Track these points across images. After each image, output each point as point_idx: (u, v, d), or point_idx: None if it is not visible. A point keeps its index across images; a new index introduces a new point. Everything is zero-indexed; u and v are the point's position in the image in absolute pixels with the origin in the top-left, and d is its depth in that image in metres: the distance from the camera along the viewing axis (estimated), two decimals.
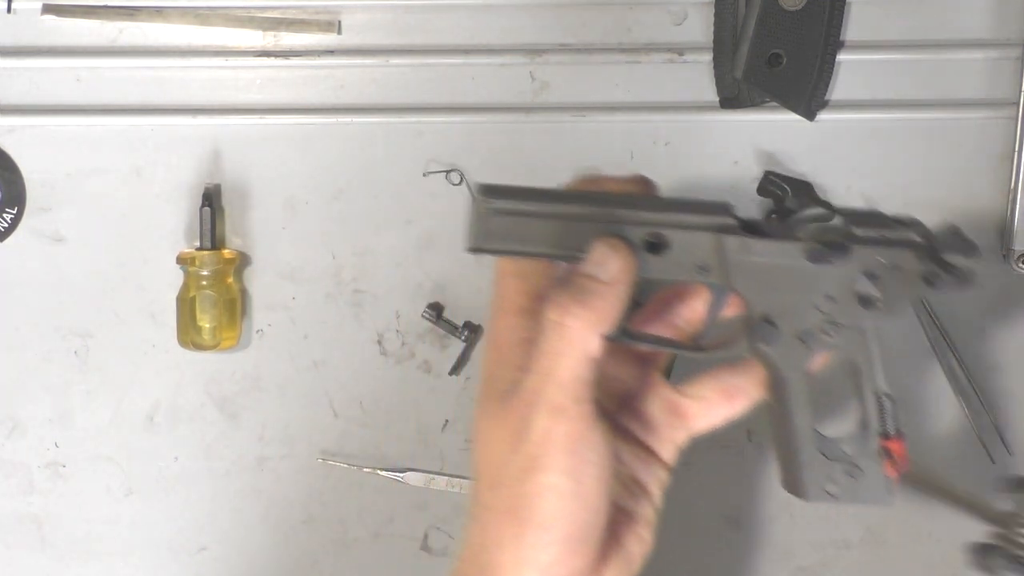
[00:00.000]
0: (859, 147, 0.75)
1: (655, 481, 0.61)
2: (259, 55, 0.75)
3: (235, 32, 0.75)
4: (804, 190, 0.74)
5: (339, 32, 0.75)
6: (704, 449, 0.65)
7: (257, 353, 0.77)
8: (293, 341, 0.77)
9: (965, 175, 0.75)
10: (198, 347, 0.75)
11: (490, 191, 0.57)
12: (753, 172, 0.75)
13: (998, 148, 0.74)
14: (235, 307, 0.75)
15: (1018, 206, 0.73)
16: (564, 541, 0.54)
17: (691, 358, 0.60)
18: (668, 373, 0.67)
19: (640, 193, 0.61)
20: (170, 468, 0.77)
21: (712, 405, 0.61)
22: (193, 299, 0.74)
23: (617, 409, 0.61)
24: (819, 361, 0.59)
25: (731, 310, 0.60)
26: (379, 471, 0.76)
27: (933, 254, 0.59)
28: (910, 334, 0.74)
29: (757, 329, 0.58)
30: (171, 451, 0.77)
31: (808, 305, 0.59)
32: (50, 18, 0.75)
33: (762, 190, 0.75)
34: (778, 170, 0.75)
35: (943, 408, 0.75)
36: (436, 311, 0.76)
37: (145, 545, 0.77)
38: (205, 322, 0.74)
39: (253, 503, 0.77)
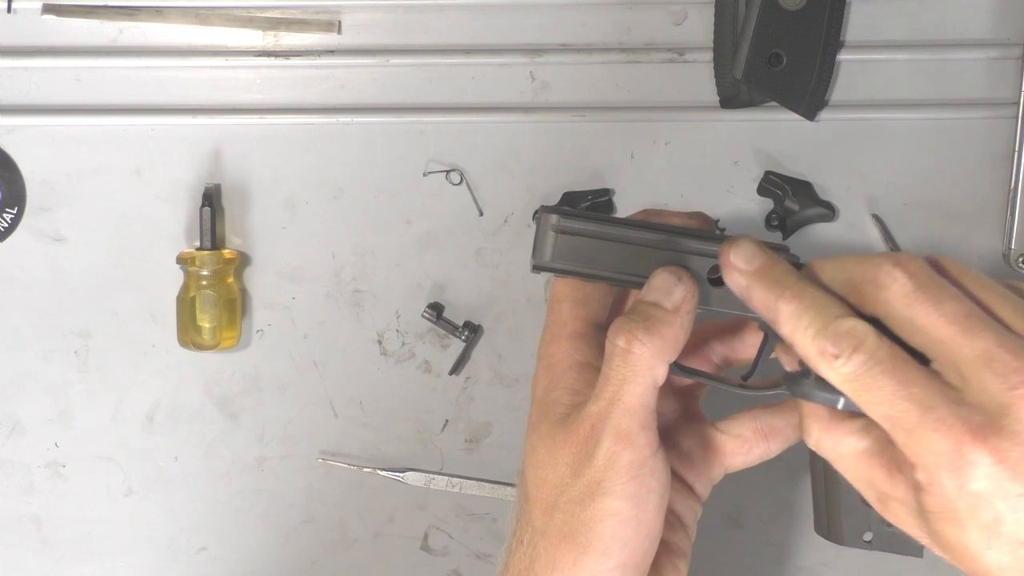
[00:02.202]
0: (859, 147, 0.75)
1: (690, 514, 0.61)
2: (259, 55, 0.76)
3: (235, 32, 0.75)
4: (804, 190, 0.74)
5: (339, 32, 0.75)
6: None
7: (257, 353, 0.77)
8: (293, 341, 0.77)
9: (965, 175, 0.75)
10: (198, 347, 0.75)
11: (556, 211, 0.58)
12: (753, 172, 0.75)
13: (998, 148, 0.74)
14: (235, 307, 0.75)
15: (1018, 206, 0.73)
16: (620, 568, 0.54)
17: (731, 394, 0.60)
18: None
19: (702, 228, 0.61)
20: (170, 468, 0.77)
21: (749, 444, 0.61)
22: (193, 299, 0.74)
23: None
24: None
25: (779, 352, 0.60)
26: (379, 471, 0.76)
27: None
28: None
29: (805, 369, 0.58)
30: (171, 451, 0.77)
31: None
32: (50, 18, 0.75)
33: (762, 190, 0.75)
34: (778, 170, 0.75)
35: None
36: (436, 311, 0.76)
37: (145, 545, 0.77)
38: (205, 322, 0.74)
39: (253, 503, 0.77)
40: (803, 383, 0.53)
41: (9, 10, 0.75)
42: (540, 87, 0.75)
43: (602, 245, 0.57)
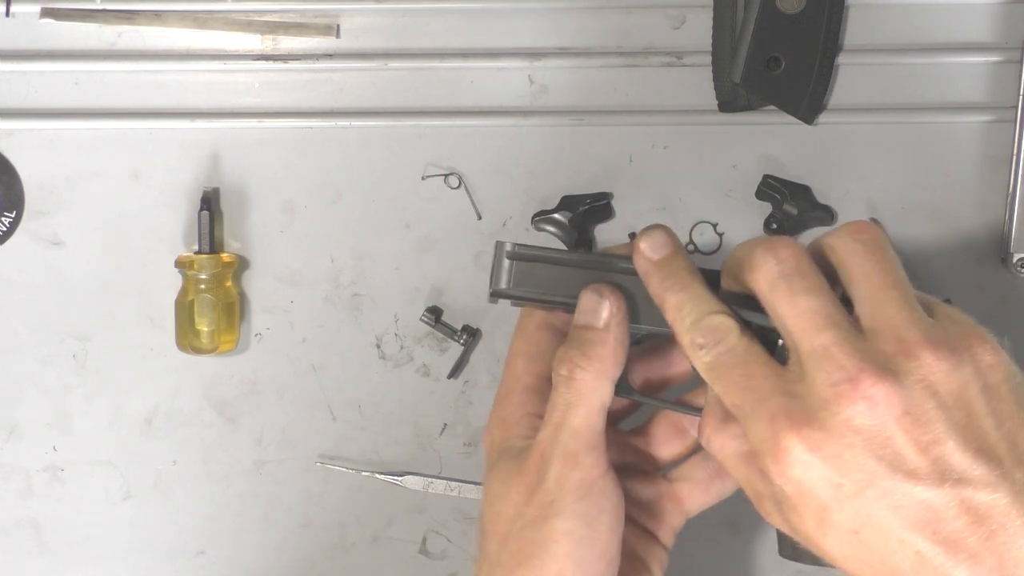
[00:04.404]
0: (858, 151, 0.75)
1: (656, 562, 0.62)
2: (257, 59, 0.75)
3: (233, 36, 0.75)
4: (803, 194, 0.74)
5: (338, 36, 0.75)
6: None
7: (256, 357, 0.77)
8: (292, 345, 0.77)
9: (964, 179, 0.75)
10: (196, 351, 0.75)
11: (510, 243, 0.60)
12: (752, 176, 0.75)
13: (997, 152, 0.74)
14: (233, 311, 0.75)
15: (1016, 210, 0.73)
16: None
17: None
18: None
19: None
20: (168, 472, 0.77)
21: (704, 485, 0.62)
22: (191, 303, 0.74)
23: None
24: None
25: None
26: (378, 475, 0.76)
27: None
28: None
29: None
30: (169, 455, 0.77)
31: None
32: (48, 22, 0.75)
33: (760, 194, 0.75)
34: (776, 174, 0.75)
35: None
36: (435, 315, 0.76)
37: (143, 549, 0.77)
38: (203, 326, 0.74)
39: (251, 507, 0.77)
40: None
41: (7, 14, 0.75)
42: (539, 91, 0.75)
43: (557, 271, 0.59)
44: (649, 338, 0.61)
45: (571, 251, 0.61)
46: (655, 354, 0.64)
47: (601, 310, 0.57)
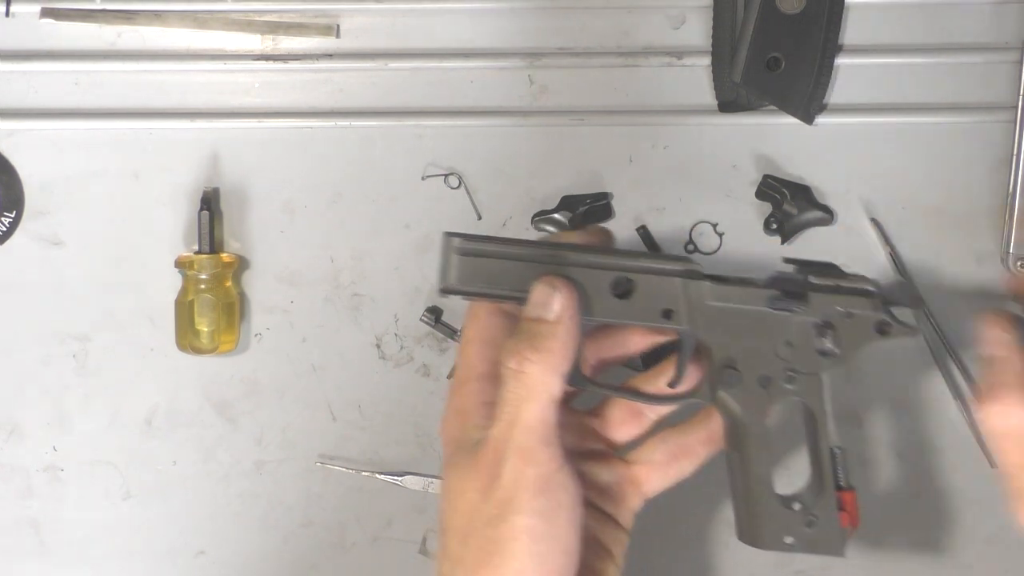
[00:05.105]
0: (857, 151, 0.75)
1: (617, 545, 0.62)
2: (258, 59, 0.76)
3: (234, 36, 0.75)
4: (802, 194, 0.74)
5: (338, 36, 0.75)
6: None
7: (255, 357, 0.77)
8: (291, 345, 0.77)
9: (963, 179, 0.75)
10: (196, 351, 0.75)
11: (458, 235, 0.59)
12: (752, 176, 0.75)
13: (996, 152, 0.74)
14: (233, 311, 0.75)
15: (1016, 210, 0.73)
16: None
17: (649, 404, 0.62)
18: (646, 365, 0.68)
19: (605, 244, 0.62)
20: (168, 472, 0.77)
21: (662, 467, 0.62)
22: (191, 303, 0.74)
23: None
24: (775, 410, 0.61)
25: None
26: (377, 475, 0.76)
27: (885, 304, 0.60)
28: (910, 339, 0.74)
29: (720, 375, 0.59)
30: (169, 455, 0.77)
31: (769, 351, 0.60)
32: (48, 22, 0.75)
33: (760, 194, 0.75)
34: (776, 174, 0.75)
35: (943, 412, 0.75)
36: (434, 315, 0.76)
37: (143, 549, 0.77)
38: (203, 326, 0.74)
39: (251, 507, 0.77)
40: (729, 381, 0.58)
41: (7, 14, 0.75)
42: (539, 91, 0.75)
43: (505, 265, 0.59)
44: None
45: (522, 241, 0.59)
46: (604, 335, 0.64)
47: (552, 303, 0.57)
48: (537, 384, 0.56)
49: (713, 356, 0.60)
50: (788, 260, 0.62)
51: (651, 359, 0.66)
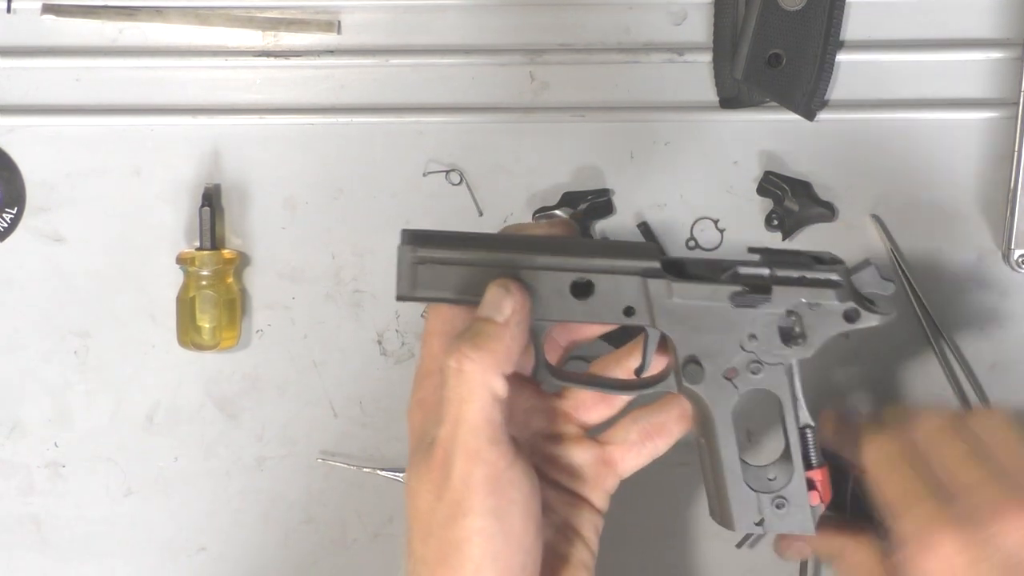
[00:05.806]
0: (859, 147, 0.75)
1: (589, 526, 0.62)
2: (259, 55, 0.76)
3: (235, 32, 0.75)
4: (804, 190, 0.74)
5: (339, 32, 0.75)
6: None
7: (257, 353, 0.77)
8: (293, 341, 0.77)
9: (965, 175, 0.75)
10: (198, 347, 0.75)
11: (415, 239, 0.59)
12: (753, 172, 0.75)
13: (998, 148, 0.74)
14: (235, 307, 0.75)
15: (1018, 206, 0.73)
16: None
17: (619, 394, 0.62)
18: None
19: (567, 237, 0.62)
20: (170, 468, 0.77)
21: (636, 447, 0.62)
22: (193, 299, 0.74)
23: (543, 461, 0.62)
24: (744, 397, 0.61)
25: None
26: (379, 471, 0.76)
27: (852, 291, 0.60)
28: (910, 335, 0.74)
29: (684, 369, 0.60)
30: (171, 451, 0.77)
31: (733, 345, 0.60)
32: (50, 18, 0.75)
33: (762, 190, 0.75)
34: (778, 170, 0.75)
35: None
36: None
37: (144, 545, 0.77)
38: (205, 322, 0.74)
39: (253, 503, 0.77)
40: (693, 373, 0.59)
41: (9, 10, 0.75)
42: (540, 87, 0.75)
43: (462, 270, 0.58)
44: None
45: (481, 240, 0.59)
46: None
47: (504, 305, 0.57)
48: (477, 383, 0.55)
49: (676, 351, 0.60)
50: (753, 250, 0.62)
51: (622, 335, 0.66)
